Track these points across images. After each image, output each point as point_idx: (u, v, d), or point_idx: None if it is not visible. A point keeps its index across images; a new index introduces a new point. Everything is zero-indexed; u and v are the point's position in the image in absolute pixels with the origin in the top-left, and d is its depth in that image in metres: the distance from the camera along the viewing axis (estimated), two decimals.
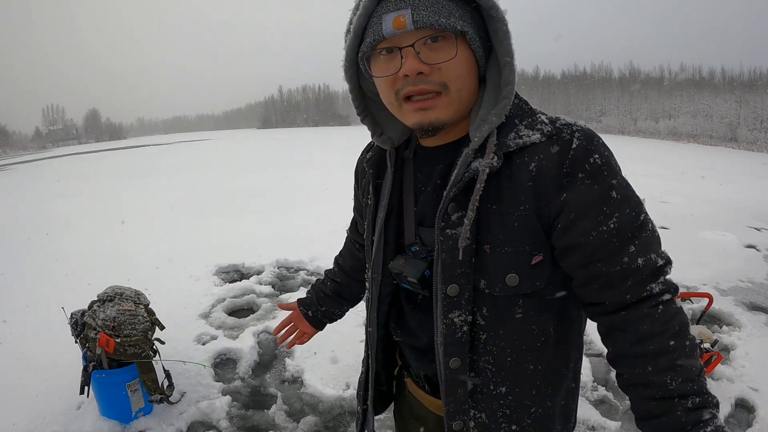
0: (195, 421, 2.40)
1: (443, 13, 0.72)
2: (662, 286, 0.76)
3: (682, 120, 42.99)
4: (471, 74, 0.78)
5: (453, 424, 0.87)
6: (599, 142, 0.76)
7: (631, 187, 0.77)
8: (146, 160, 18.96)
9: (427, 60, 0.73)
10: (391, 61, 0.76)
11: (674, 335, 0.73)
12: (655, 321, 0.74)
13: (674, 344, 0.72)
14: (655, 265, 0.76)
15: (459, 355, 0.83)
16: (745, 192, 9.34)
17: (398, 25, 0.72)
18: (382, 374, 1.07)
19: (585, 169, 0.74)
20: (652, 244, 0.76)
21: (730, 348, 2.97)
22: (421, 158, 0.89)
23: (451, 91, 0.76)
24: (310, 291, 1.35)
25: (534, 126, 0.77)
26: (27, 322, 3.40)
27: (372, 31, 0.75)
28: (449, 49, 0.73)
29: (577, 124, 0.77)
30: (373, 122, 0.91)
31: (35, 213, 7.87)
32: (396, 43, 0.74)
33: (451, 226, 0.79)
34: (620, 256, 0.74)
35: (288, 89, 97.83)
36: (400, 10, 0.72)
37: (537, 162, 0.75)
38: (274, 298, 3.89)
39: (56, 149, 58.78)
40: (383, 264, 0.93)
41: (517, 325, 0.82)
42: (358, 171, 1.06)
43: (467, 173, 0.77)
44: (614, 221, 0.74)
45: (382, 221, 0.92)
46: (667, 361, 0.72)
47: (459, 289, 0.81)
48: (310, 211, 6.88)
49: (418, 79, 0.74)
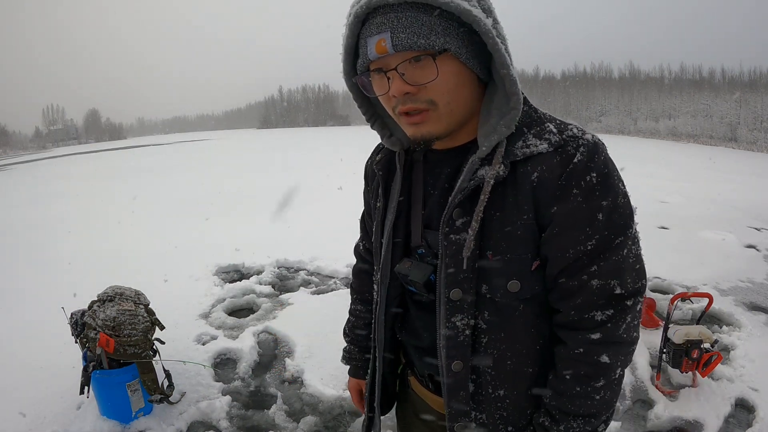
0: (195, 421, 2.40)
1: (422, 33, 0.71)
2: (606, 317, 0.78)
3: (682, 120, 42.96)
4: (463, 85, 0.78)
5: (455, 425, 0.88)
6: (600, 159, 0.76)
7: (622, 209, 0.77)
8: (146, 160, 18.95)
9: (411, 80, 0.74)
10: (381, 80, 0.77)
11: (574, 376, 0.81)
12: (570, 355, 0.81)
13: (568, 380, 0.81)
14: (611, 291, 0.78)
15: (461, 358, 0.85)
16: (745, 192, 9.33)
17: (380, 49, 0.73)
18: (388, 376, 1.08)
19: (580, 185, 0.75)
20: (618, 270, 0.77)
21: (730, 348, 2.97)
22: (431, 161, 0.90)
23: (440, 106, 0.77)
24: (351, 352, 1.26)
25: (542, 135, 0.77)
26: (27, 322, 3.40)
27: (362, 53, 0.77)
28: (431, 68, 0.73)
29: (584, 137, 0.77)
30: (383, 124, 0.92)
31: (35, 213, 7.88)
32: (384, 65, 0.76)
33: (456, 231, 0.80)
34: (582, 273, 0.78)
35: (288, 89, 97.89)
36: (381, 33, 0.72)
37: (539, 172, 0.76)
38: (274, 298, 3.89)
39: (56, 149, 58.75)
40: (391, 266, 0.94)
41: (518, 329, 0.84)
42: (368, 174, 1.06)
43: (473, 180, 0.78)
44: (592, 243, 0.76)
45: (390, 223, 0.92)
46: (556, 384, 0.83)
47: (462, 294, 0.82)
48: (311, 211, 6.88)
49: (405, 99, 0.76)
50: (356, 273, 1.22)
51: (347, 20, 0.77)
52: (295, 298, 3.83)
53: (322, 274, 4.41)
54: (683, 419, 2.34)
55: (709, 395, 2.48)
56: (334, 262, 4.47)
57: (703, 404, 2.42)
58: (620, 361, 0.81)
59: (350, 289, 1.26)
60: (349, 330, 1.24)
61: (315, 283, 4.25)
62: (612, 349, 0.79)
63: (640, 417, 2.41)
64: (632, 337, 0.81)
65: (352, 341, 1.23)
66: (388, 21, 0.72)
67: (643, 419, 2.39)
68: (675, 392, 2.53)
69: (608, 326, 0.78)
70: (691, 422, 2.32)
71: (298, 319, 3.43)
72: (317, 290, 4.06)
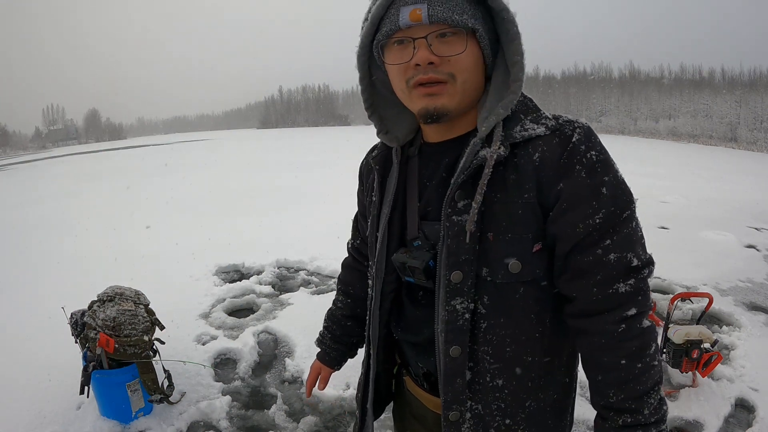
0: (195, 421, 2.40)
1: (457, 11, 0.76)
2: (630, 287, 0.79)
3: (682, 120, 42.98)
4: (477, 69, 0.82)
5: (450, 414, 0.88)
6: (596, 140, 0.81)
7: (623, 185, 0.81)
8: (145, 161, 18.95)
9: (437, 52, 0.78)
10: (403, 50, 0.80)
11: (627, 355, 0.78)
12: (613, 338, 0.79)
13: (625, 364, 0.78)
14: (629, 264, 0.79)
15: (459, 344, 0.85)
16: (745, 192, 9.33)
17: (414, 17, 0.76)
18: (382, 375, 1.08)
19: (582, 162, 0.78)
20: (630, 242, 0.79)
21: (730, 348, 2.97)
22: (426, 154, 0.92)
23: (458, 81, 0.80)
24: (324, 336, 1.27)
25: (539, 120, 0.82)
26: (27, 322, 3.40)
27: (389, 21, 0.80)
28: (459, 43, 0.78)
29: (578, 121, 0.82)
30: (380, 119, 0.94)
31: (35, 213, 7.87)
32: (410, 35, 0.79)
33: (458, 213, 0.82)
34: (595, 248, 0.79)
35: (288, 89, 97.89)
36: (417, 4, 0.76)
37: (540, 153, 0.79)
38: (274, 298, 3.89)
39: (56, 149, 58.77)
40: (387, 259, 0.94)
41: (517, 314, 0.84)
42: (363, 170, 1.08)
43: (475, 161, 0.80)
44: (600, 216, 0.78)
45: (386, 217, 0.94)
46: (614, 378, 0.79)
47: (462, 276, 0.83)
48: (310, 211, 6.89)
49: (428, 69, 0.79)
50: (345, 266, 1.26)
51: None
52: (295, 298, 3.83)
53: (322, 274, 4.41)
54: (683, 419, 2.34)
55: (709, 395, 2.47)
56: (334, 262, 4.46)
57: (703, 404, 2.42)
58: (651, 323, 0.82)
59: (337, 280, 1.29)
60: (328, 317, 1.28)
61: (315, 283, 4.25)
62: (646, 315, 0.81)
63: None
64: (649, 305, 0.82)
65: (327, 328, 1.27)
66: None
67: None
68: (675, 392, 2.53)
69: (639, 298, 0.79)
70: (691, 422, 2.32)
71: (298, 319, 3.43)
72: (317, 290, 4.06)
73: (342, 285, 1.26)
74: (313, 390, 1.29)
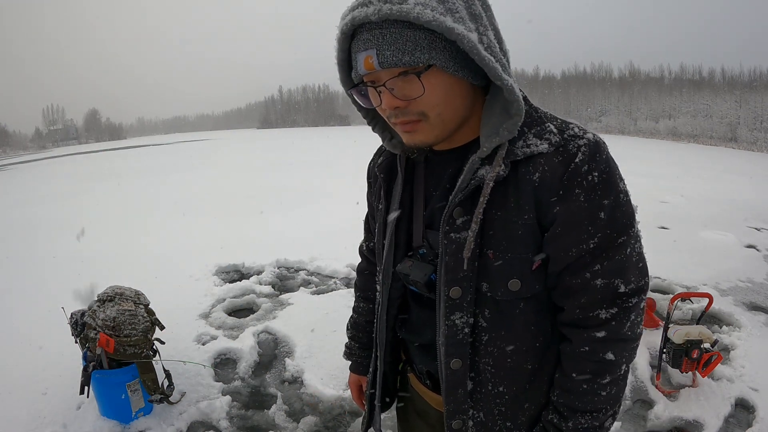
0: (195, 421, 2.40)
1: (407, 50, 0.71)
2: (610, 315, 0.79)
3: (682, 120, 42.96)
4: (454, 95, 0.77)
5: (453, 423, 0.89)
6: (602, 158, 0.76)
7: (624, 207, 0.78)
8: (145, 161, 18.95)
9: (401, 95, 0.75)
10: (375, 93, 0.78)
11: (580, 372, 0.83)
12: (576, 353, 0.83)
13: (575, 377, 0.83)
14: (615, 290, 0.79)
15: (460, 356, 0.85)
16: (745, 192, 9.33)
17: (367, 66, 0.74)
18: (389, 374, 1.09)
19: (582, 185, 0.75)
20: (621, 268, 0.79)
21: (730, 348, 2.97)
22: (432, 162, 0.90)
23: (431, 117, 0.77)
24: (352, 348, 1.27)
25: (542, 135, 0.78)
26: (27, 322, 3.40)
27: (355, 66, 0.77)
28: (418, 84, 0.73)
29: (586, 136, 0.77)
30: (383, 127, 0.93)
31: (35, 213, 7.88)
32: (375, 78, 0.76)
33: (456, 230, 0.81)
34: (584, 271, 0.79)
35: (288, 89, 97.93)
36: (368, 50, 0.73)
37: (541, 172, 0.76)
38: (274, 298, 3.89)
39: (56, 149, 58.80)
40: (393, 267, 0.95)
41: (518, 327, 0.84)
42: (371, 176, 1.07)
43: (473, 180, 0.79)
44: (594, 241, 0.77)
45: (393, 224, 0.93)
46: (562, 382, 0.85)
47: (461, 292, 0.82)
48: (311, 211, 6.89)
49: (397, 112, 0.77)
50: (360, 271, 1.25)
51: (336, 35, 0.77)
52: (295, 298, 3.83)
53: (322, 274, 4.41)
54: (683, 419, 2.34)
55: (709, 395, 2.48)
56: (334, 262, 4.47)
57: (703, 404, 2.42)
58: (625, 358, 0.82)
59: (354, 286, 1.28)
60: (351, 326, 1.27)
61: (315, 283, 4.25)
62: (617, 347, 0.81)
63: (640, 417, 2.41)
64: (636, 334, 0.82)
65: (353, 337, 1.26)
66: (374, 38, 0.72)
67: (643, 419, 2.39)
68: (675, 392, 2.53)
69: (613, 324, 0.80)
70: (691, 422, 2.33)
71: (298, 319, 3.43)
72: (317, 290, 4.06)
73: (360, 291, 1.24)
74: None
